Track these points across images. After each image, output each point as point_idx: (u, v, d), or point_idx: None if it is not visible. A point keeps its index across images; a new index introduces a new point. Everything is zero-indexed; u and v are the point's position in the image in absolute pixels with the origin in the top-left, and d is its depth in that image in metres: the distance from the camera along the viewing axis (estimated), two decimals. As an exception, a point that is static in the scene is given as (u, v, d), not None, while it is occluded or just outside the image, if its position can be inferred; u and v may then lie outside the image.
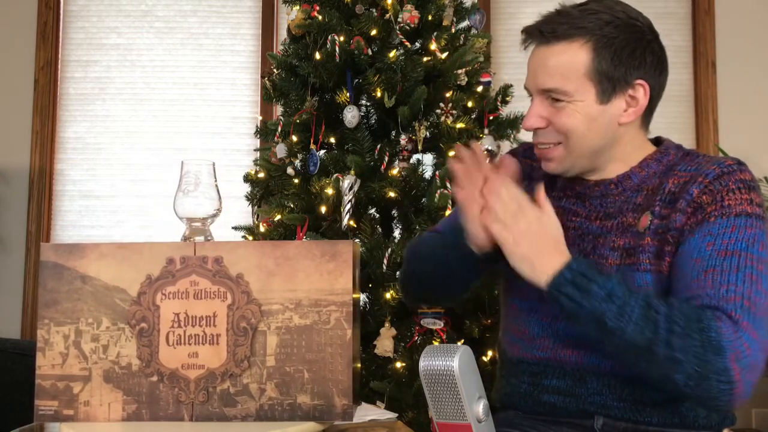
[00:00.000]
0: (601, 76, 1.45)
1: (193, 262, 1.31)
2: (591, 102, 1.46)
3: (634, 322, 1.33)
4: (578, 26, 1.46)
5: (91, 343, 1.29)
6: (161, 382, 1.31)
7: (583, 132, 1.48)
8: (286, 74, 2.85)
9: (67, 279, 1.30)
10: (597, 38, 1.45)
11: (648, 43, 1.48)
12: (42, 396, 1.30)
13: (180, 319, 1.30)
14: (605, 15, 1.47)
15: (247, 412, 1.31)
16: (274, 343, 1.31)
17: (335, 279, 1.32)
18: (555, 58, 1.48)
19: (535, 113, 1.51)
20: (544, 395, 1.53)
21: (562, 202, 1.59)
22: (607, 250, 1.50)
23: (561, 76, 1.46)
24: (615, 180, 1.53)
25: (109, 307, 1.29)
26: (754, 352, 1.31)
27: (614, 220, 1.52)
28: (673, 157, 1.53)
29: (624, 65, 1.45)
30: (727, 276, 1.36)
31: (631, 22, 1.47)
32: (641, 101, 1.48)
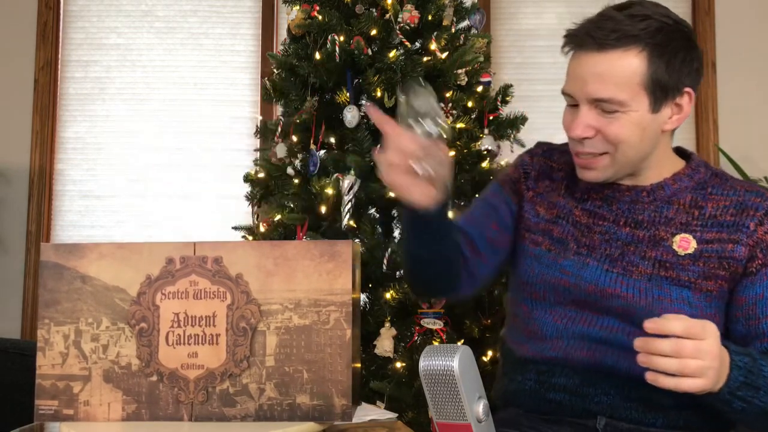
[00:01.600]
0: (655, 86, 1.43)
1: (193, 262, 1.31)
2: (644, 112, 1.44)
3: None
4: (631, 34, 1.42)
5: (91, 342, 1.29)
6: (161, 382, 1.31)
7: (635, 142, 1.46)
8: (286, 74, 2.84)
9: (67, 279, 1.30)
10: (651, 46, 1.42)
11: (693, 48, 1.47)
12: (42, 396, 1.30)
13: (180, 319, 1.31)
14: (655, 21, 1.43)
15: (246, 412, 1.31)
16: (273, 343, 1.31)
17: (335, 279, 1.32)
18: (609, 66, 1.43)
19: (583, 122, 1.46)
20: (551, 393, 1.53)
21: (586, 204, 1.58)
22: (637, 258, 1.50)
23: (615, 85, 1.42)
24: (648, 188, 1.53)
25: (109, 307, 1.29)
26: None
27: (646, 231, 1.52)
28: (703, 175, 1.55)
29: (677, 73, 1.44)
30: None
31: (679, 27, 1.46)
32: (686, 108, 1.48)
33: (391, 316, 2.53)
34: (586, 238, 1.55)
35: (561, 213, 1.60)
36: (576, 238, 1.56)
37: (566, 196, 1.61)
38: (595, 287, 1.51)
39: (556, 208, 1.61)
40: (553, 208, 1.62)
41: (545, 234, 1.61)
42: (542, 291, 1.57)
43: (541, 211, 1.63)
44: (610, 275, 1.51)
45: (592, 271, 1.53)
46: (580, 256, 1.55)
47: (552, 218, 1.61)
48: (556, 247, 1.58)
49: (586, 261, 1.54)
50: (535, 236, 1.62)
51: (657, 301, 1.47)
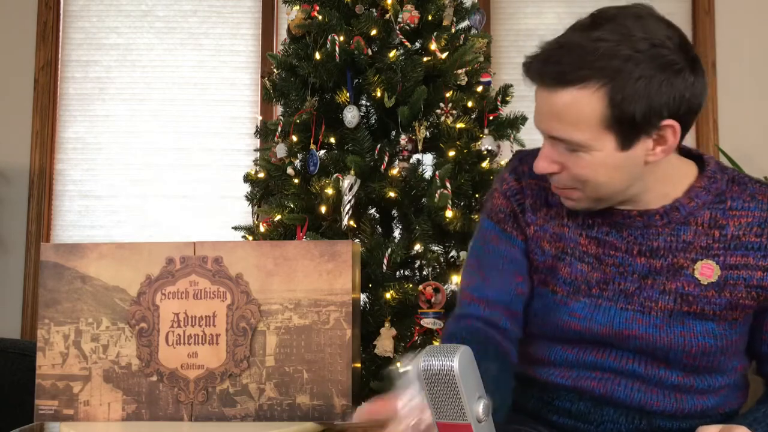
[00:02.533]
0: (620, 124, 1.24)
1: (193, 262, 1.32)
2: (610, 151, 1.26)
3: None
4: (589, 67, 1.22)
5: (91, 342, 1.29)
6: (161, 381, 1.32)
7: (605, 181, 1.30)
8: (286, 74, 2.84)
9: (67, 279, 1.29)
10: (613, 81, 1.22)
11: (677, 74, 1.23)
12: (42, 396, 1.31)
13: (179, 319, 1.31)
14: (623, 48, 1.21)
15: (246, 412, 1.31)
16: (273, 343, 1.31)
17: (335, 279, 1.32)
18: (562, 106, 1.25)
19: (546, 157, 1.32)
20: (554, 416, 1.47)
21: (592, 231, 1.41)
22: (656, 293, 1.36)
23: (571, 126, 1.26)
24: (660, 211, 1.36)
25: (109, 307, 1.29)
26: None
27: (663, 260, 1.37)
28: (720, 183, 1.37)
29: (647, 108, 1.22)
30: None
31: (656, 52, 1.21)
32: (671, 141, 1.27)
33: (391, 316, 2.52)
34: (598, 273, 1.40)
35: (567, 247, 1.43)
36: (586, 277, 1.40)
37: (568, 226, 1.44)
38: (609, 329, 1.38)
39: (561, 241, 1.43)
40: (558, 241, 1.44)
41: (551, 273, 1.44)
42: (549, 330, 1.44)
43: (546, 246, 1.45)
44: (625, 314, 1.38)
45: (605, 311, 1.39)
46: (591, 298, 1.40)
47: (557, 253, 1.43)
48: (564, 289, 1.42)
49: (599, 302, 1.39)
50: (543, 276, 1.45)
51: (679, 337, 1.35)
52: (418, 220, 2.58)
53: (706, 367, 1.38)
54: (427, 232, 2.57)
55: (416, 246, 2.59)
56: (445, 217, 2.54)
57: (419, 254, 2.62)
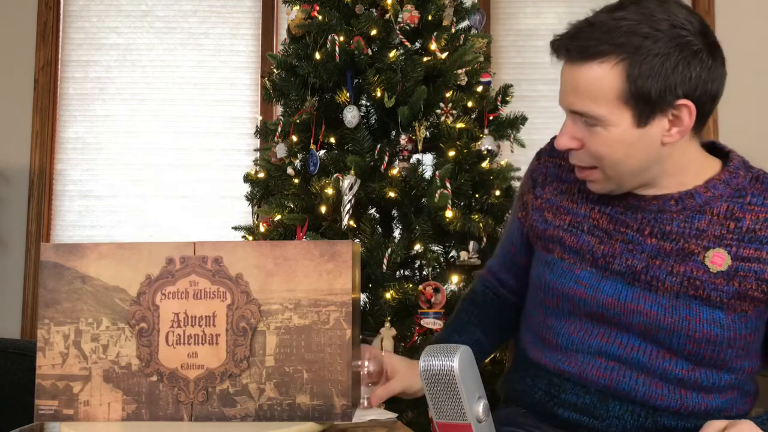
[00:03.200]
0: (637, 99, 1.29)
1: (193, 262, 1.31)
2: (627, 127, 1.31)
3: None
4: (611, 42, 1.29)
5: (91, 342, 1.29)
6: (161, 381, 1.31)
7: (621, 158, 1.34)
8: (286, 74, 2.85)
9: (67, 279, 1.29)
10: (631, 56, 1.28)
11: (694, 55, 1.29)
12: (42, 396, 1.30)
13: (179, 318, 1.30)
14: (643, 26, 1.28)
15: (246, 412, 1.31)
16: (273, 343, 1.31)
17: (334, 279, 1.32)
18: (583, 79, 1.31)
19: (567, 133, 1.37)
20: (560, 409, 1.48)
21: (608, 208, 1.46)
22: (663, 273, 1.39)
23: (590, 100, 1.31)
24: (676, 196, 1.39)
25: (109, 307, 1.29)
26: None
27: (674, 244, 1.39)
28: (742, 179, 1.40)
29: (663, 84, 1.28)
30: None
31: (675, 32, 1.28)
32: (686, 122, 1.32)
33: (391, 316, 2.52)
34: (606, 246, 1.44)
35: (575, 220, 1.49)
36: (593, 248, 1.45)
37: (580, 201, 1.50)
38: (615, 301, 1.42)
39: (568, 214, 1.50)
40: (565, 215, 1.51)
41: (556, 241, 1.51)
42: (555, 299, 1.48)
43: (550, 217, 1.53)
44: (632, 289, 1.41)
45: (613, 284, 1.42)
46: (598, 269, 1.44)
47: (563, 225, 1.50)
48: (571, 257, 1.48)
49: (606, 274, 1.43)
50: (545, 243, 1.53)
51: (684, 320, 1.37)
52: (418, 220, 2.59)
53: (712, 360, 1.38)
54: (427, 232, 2.57)
55: (416, 246, 2.60)
56: (445, 217, 2.55)
57: (419, 254, 2.62)
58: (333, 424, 1.33)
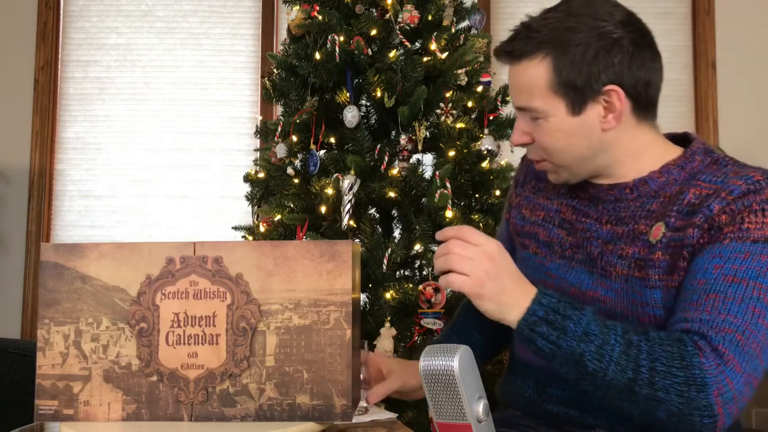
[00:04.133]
0: (566, 89, 1.39)
1: (193, 262, 1.31)
2: (563, 116, 1.41)
3: (615, 362, 1.27)
4: (538, 40, 1.40)
5: (91, 342, 1.29)
6: (161, 381, 1.31)
7: (563, 146, 1.43)
8: (286, 74, 2.84)
9: (67, 279, 1.29)
10: (555, 49, 1.38)
11: (615, 42, 1.38)
12: (42, 396, 1.30)
13: (180, 318, 1.31)
14: (566, 22, 1.40)
15: (246, 412, 1.31)
16: (273, 343, 1.31)
17: (334, 279, 1.32)
18: (520, 77, 1.43)
19: (518, 129, 1.48)
20: (548, 404, 1.51)
21: (573, 201, 1.53)
22: (615, 257, 1.43)
23: (527, 94, 1.42)
24: (631, 184, 1.45)
25: (109, 307, 1.29)
26: (737, 385, 1.26)
27: (625, 227, 1.44)
28: (698, 164, 1.43)
29: (586, 73, 1.38)
30: (729, 305, 1.29)
31: (595, 24, 1.38)
32: (617, 106, 1.40)
33: (391, 316, 2.52)
34: (572, 237, 1.51)
35: (547, 215, 1.58)
36: (561, 240, 1.52)
37: (553, 197, 1.59)
38: (578, 290, 1.48)
39: (542, 210, 1.59)
40: (540, 210, 1.60)
41: (532, 237, 1.59)
42: None
43: (527, 213, 1.62)
44: (592, 277, 1.46)
45: (577, 273, 1.49)
46: (565, 259, 1.51)
47: (538, 220, 1.59)
48: (543, 250, 1.56)
49: (571, 264, 1.50)
50: (523, 239, 1.61)
51: (632, 305, 1.40)
52: (418, 220, 2.58)
53: None
54: (427, 232, 2.56)
55: (416, 246, 2.60)
56: (445, 217, 2.54)
57: (419, 254, 2.62)
58: (333, 424, 1.33)
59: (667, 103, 4.31)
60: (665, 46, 4.30)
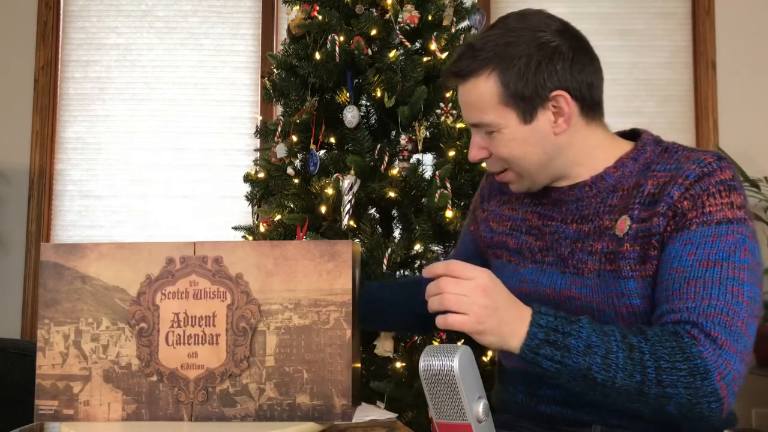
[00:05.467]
0: (515, 99, 1.44)
1: (193, 262, 1.32)
2: (515, 126, 1.46)
3: (622, 368, 1.29)
4: (482, 58, 1.45)
5: (91, 342, 1.29)
6: (161, 381, 1.32)
7: (521, 155, 1.48)
8: (286, 74, 2.84)
9: (67, 279, 1.29)
10: (500, 64, 1.43)
11: (554, 51, 1.45)
12: (42, 396, 1.30)
13: (179, 319, 1.31)
14: (506, 37, 1.45)
15: (246, 412, 1.32)
16: (273, 343, 1.32)
17: (334, 279, 1.32)
18: (468, 95, 1.48)
19: (474, 145, 1.52)
20: (541, 406, 1.52)
21: (537, 207, 1.59)
22: (585, 254, 1.48)
23: (478, 110, 1.46)
24: (589, 182, 1.51)
25: (109, 307, 1.29)
26: (735, 365, 1.31)
27: (591, 224, 1.49)
28: (650, 154, 1.50)
29: (532, 82, 1.43)
30: (710, 289, 1.34)
31: (533, 35, 1.45)
32: (566, 110, 1.46)
33: (391, 316, 2.51)
34: (541, 242, 1.55)
35: (514, 224, 1.63)
36: (531, 246, 1.57)
37: (518, 206, 1.64)
38: (552, 291, 1.51)
39: (509, 220, 1.64)
40: (506, 221, 1.65)
41: (502, 246, 1.64)
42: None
43: (494, 225, 1.67)
44: (565, 277, 1.50)
45: (549, 275, 1.52)
46: (537, 264, 1.55)
47: (506, 230, 1.64)
48: (515, 258, 1.60)
49: (543, 267, 1.54)
50: (494, 250, 1.66)
51: (608, 298, 1.44)
52: (418, 220, 2.58)
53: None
54: (427, 232, 2.57)
55: (416, 246, 2.59)
56: (445, 217, 2.54)
57: (419, 254, 2.61)
58: (333, 424, 1.33)
59: (667, 103, 4.37)
60: (665, 46, 4.31)
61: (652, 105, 4.26)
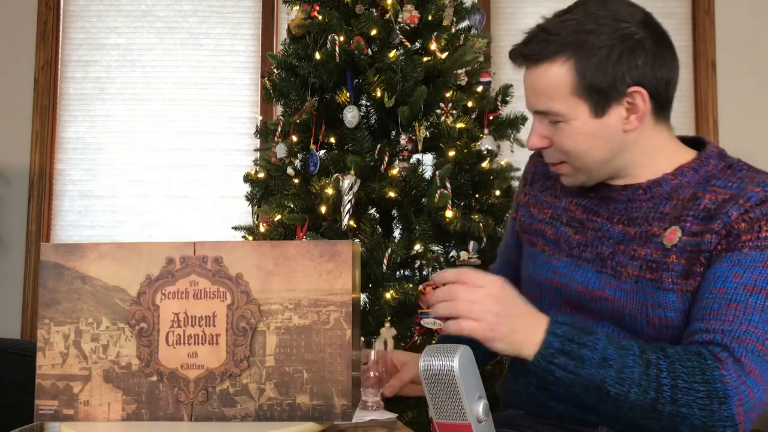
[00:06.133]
0: (589, 91, 1.38)
1: (193, 262, 1.32)
2: (586, 119, 1.40)
3: (637, 384, 1.27)
4: (558, 42, 1.39)
5: (91, 342, 1.29)
6: (161, 381, 1.32)
7: (585, 150, 1.43)
8: (286, 74, 2.84)
9: (67, 279, 1.29)
10: (577, 52, 1.37)
11: (638, 44, 1.37)
12: (42, 396, 1.30)
13: (180, 319, 1.31)
14: (587, 24, 1.38)
15: (246, 412, 1.32)
16: (273, 343, 1.32)
17: (334, 279, 1.32)
18: (539, 80, 1.42)
19: (536, 133, 1.47)
20: (550, 401, 1.51)
21: (584, 200, 1.54)
22: (626, 258, 1.43)
23: (548, 98, 1.41)
24: (644, 185, 1.46)
25: (109, 307, 1.29)
26: (757, 394, 1.27)
27: (638, 228, 1.44)
28: (712, 167, 1.43)
29: (611, 75, 1.37)
30: (750, 315, 1.29)
31: (617, 25, 1.38)
32: (641, 107, 1.40)
33: (391, 316, 2.52)
34: (580, 236, 1.51)
35: (555, 213, 1.58)
36: (569, 239, 1.53)
37: (562, 195, 1.59)
38: (584, 289, 1.48)
39: (550, 208, 1.60)
40: (547, 209, 1.60)
41: (539, 234, 1.59)
42: (537, 291, 1.54)
43: (534, 211, 1.63)
44: (600, 277, 1.46)
45: (584, 272, 1.49)
46: (572, 258, 1.51)
47: (545, 218, 1.59)
48: (550, 248, 1.56)
49: (578, 262, 1.50)
50: (530, 236, 1.62)
51: (642, 306, 1.41)
52: (418, 220, 2.58)
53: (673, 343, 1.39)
54: (427, 232, 2.57)
55: (416, 246, 2.59)
56: (445, 217, 2.55)
57: (419, 254, 2.61)
58: (333, 424, 1.33)
59: None
60: (665, 46, 4.30)
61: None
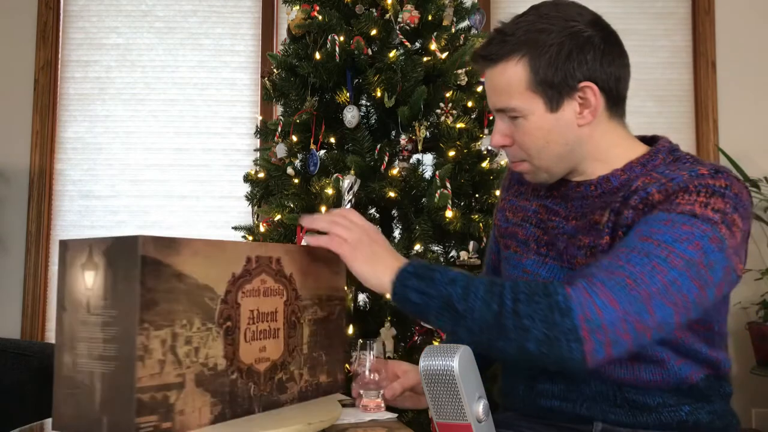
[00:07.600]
0: (543, 86, 1.52)
1: (264, 262, 1.42)
2: (542, 113, 1.54)
3: (481, 299, 1.35)
4: (513, 42, 1.54)
5: (185, 346, 1.23)
6: (240, 378, 1.34)
7: (543, 145, 1.56)
8: (286, 74, 2.95)
9: (164, 277, 1.20)
10: (531, 50, 1.52)
11: (587, 41, 1.53)
12: (143, 412, 1.17)
13: (254, 315, 1.38)
14: (539, 23, 1.54)
15: (293, 396, 1.50)
16: (307, 333, 1.55)
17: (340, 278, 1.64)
18: (497, 79, 1.56)
19: (498, 131, 1.61)
20: (541, 400, 1.60)
21: (548, 201, 1.67)
22: (575, 249, 1.57)
23: (506, 95, 1.55)
24: (595, 182, 1.59)
25: (200, 307, 1.26)
26: (608, 316, 1.30)
27: (584, 220, 1.57)
28: (660, 162, 1.56)
29: (562, 71, 1.51)
30: (631, 256, 1.36)
31: (566, 24, 1.53)
32: (593, 102, 1.54)
33: (391, 316, 2.65)
34: (547, 236, 1.64)
35: (526, 215, 1.71)
36: (537, 239, 1.66)
37: (532, 198, 1.72)
38: None
39: (522, 211, 1.73)
40: (520, 212, 1.73)
41: (512, 237, 1.73)
42: None
43: (510, 215, 1.76)
44: (563, 271, 1.59)
45: (550, 268, 1.62)
46: (539, 256, 1.65)
47: (518, 221, 1.72)
48: (521, 248, 1.69)
49: (545, 260, 1.63)
50: (506, 240, 1.76)
51: None
52: (418, 220, 2.71)
53: None
54: (427, 232, 2.70)
55: (416, 246, 2.72)
56: (445, 217, 2.67)
57: (419, 254, 2.72)
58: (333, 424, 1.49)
59: (667, 103, 4.50)
60: (665, 46, 4.57)
61: (652, 105, 4.33)
